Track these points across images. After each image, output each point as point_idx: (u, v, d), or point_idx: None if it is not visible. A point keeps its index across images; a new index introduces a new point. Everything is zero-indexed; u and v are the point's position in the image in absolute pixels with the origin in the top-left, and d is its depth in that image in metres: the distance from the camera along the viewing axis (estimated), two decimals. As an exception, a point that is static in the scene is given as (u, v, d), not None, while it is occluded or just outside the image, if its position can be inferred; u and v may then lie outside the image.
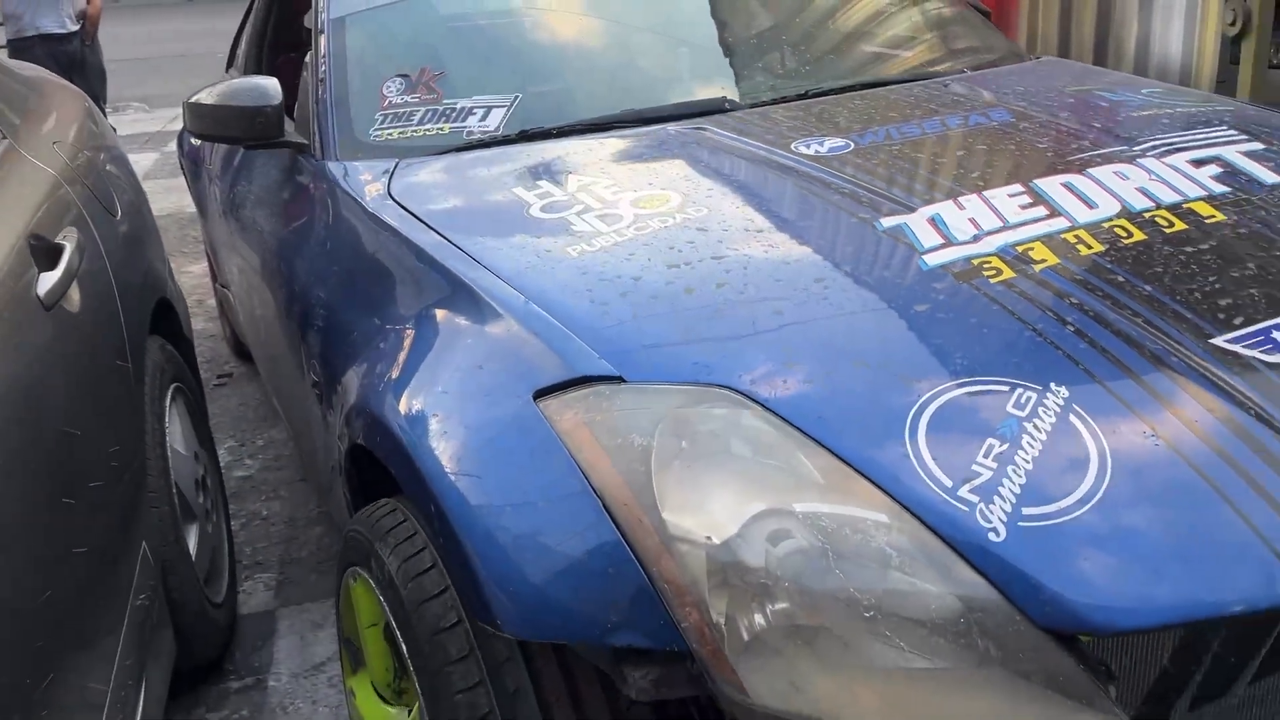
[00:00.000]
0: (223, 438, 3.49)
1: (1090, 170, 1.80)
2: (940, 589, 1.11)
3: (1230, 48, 2.88)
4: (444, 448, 1.34)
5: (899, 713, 1.09)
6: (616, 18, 2.59)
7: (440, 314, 1.60)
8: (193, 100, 2.33)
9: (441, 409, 1.40)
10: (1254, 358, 1.34)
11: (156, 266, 2.63)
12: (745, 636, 1.10)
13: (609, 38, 2.55)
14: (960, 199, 1.71)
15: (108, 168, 2.58)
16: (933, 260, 1.54)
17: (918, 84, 2.39)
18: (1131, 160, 1.85)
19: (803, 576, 1.11)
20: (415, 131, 2.25)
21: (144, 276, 2.41)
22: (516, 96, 2.31)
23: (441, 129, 2.25)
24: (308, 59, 2.50)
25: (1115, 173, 1.79)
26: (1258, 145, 1.93)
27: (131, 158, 8.70)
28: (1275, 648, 1.54)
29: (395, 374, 1.54)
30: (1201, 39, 2.69)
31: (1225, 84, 2.69)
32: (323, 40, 2.45)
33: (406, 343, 1.60)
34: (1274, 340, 1.37)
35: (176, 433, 2.37)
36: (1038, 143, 1.96)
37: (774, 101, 2.30)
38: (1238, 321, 1.40)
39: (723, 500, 1.18)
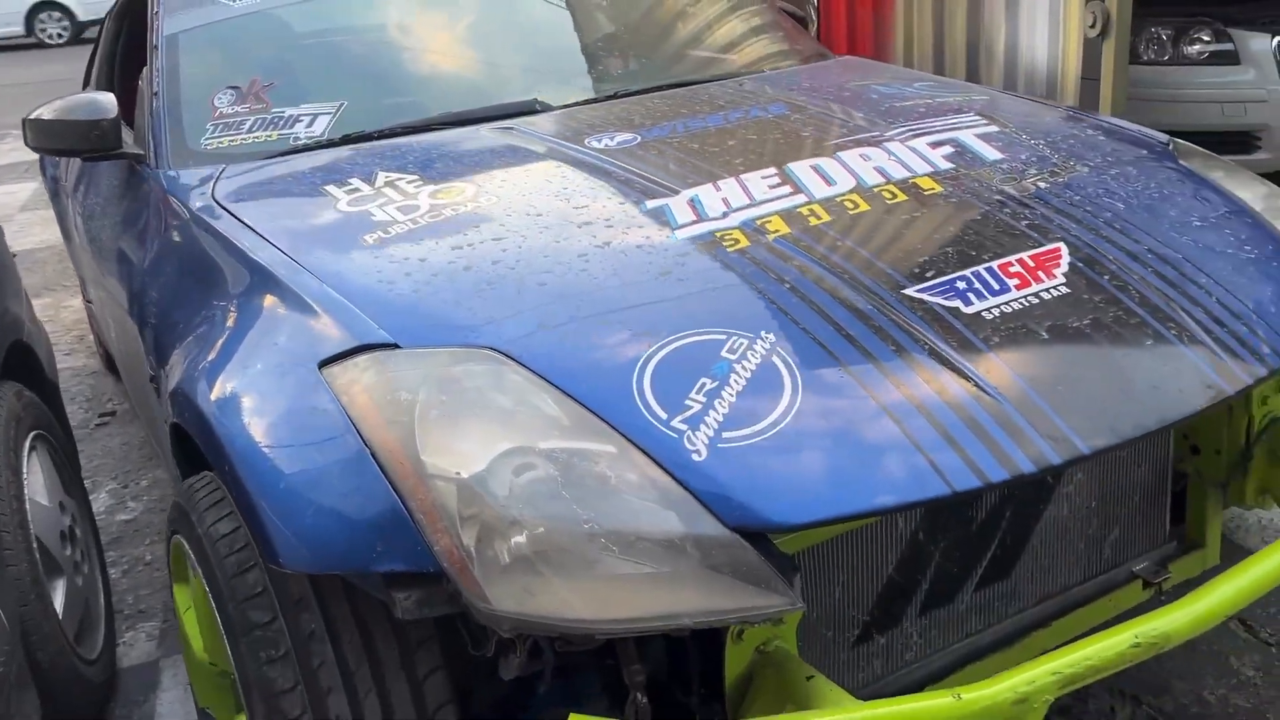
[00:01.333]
0: (104, 480, 3.41)
1: (839, 153, 2.04)
2: (651, 504, 1.31)
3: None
4: (238, 415, 1.50)
5: (614, 608, 1.28)
6: (438, 28, 2.77)
7: (249, 301, 1.76)
8: (32, 116, 2.44)
9: (238, 382, 1.56)
10: (936, 303, 1.58)
11: (9, 308, 2.51)
12: (488, 554, 1.29)
13: (430, 47, 2.72)
14: (719, 182, 1.93)
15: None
16: (682, 235, 1.75)
17: (716, 84, 2.61)
18: (878, 144, 2.09)
19: (537, 501, 1.30)
20: (245, 139, 2.40)
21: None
22: (342, 104, 2.47)
23: (270, 136, 2.40)
24: (143, 74, 2.63)
25: (860, 155, 2.03)
26: (993, 128, 2.19)
27: (9, 188, 8.41)
28: (994, 562, 1.80)
29: (205, 356, 1.69)
30: (1065, 41, 2.79)
31: (1093, 81, 2.80)
32: (157, 56, 2.58)
33: (218, 328, 1.76)
34: (956, 289, 1.61)
35: (38, 484, 2.27)
36: (801, 132, 2.19)
37: (584, 103, 2.50)
38: (929, 275, 1.64)
39: (475, 442, 1.36)
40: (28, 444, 2.27)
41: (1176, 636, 1.41)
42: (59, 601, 2.15)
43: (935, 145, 2.09)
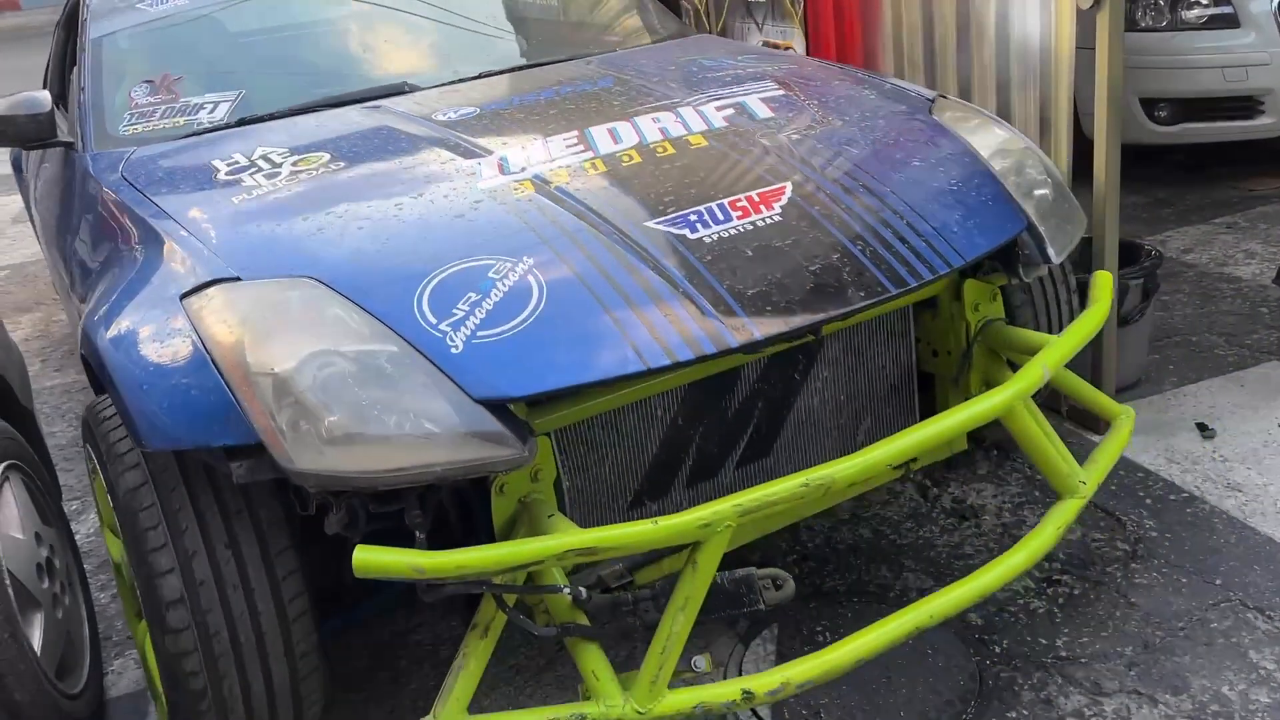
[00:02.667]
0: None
1: (635, 118, 2.45)
2: (417, 386, 1.73)
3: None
4: (118, 339, 1.92)
5: (386, 463, 1.70)
6: (325, 25, 3.19)
7: (138, 253, 2.18)
8: None
9: (120, 315, 1.97)
10: (668, 232, 2.00)
11: None
12: (295, 429, 1.71)
13: (318, 42, 3.14)
14: (528, 145, 2.34)
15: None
16: (483, 186, 2.17)
17: (568, 63, 3.02)
18: (673, 109, 2.50)
19: (333, 388, 1.72)
20: (156, 125, 2.82)
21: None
22: (240, 92, 2.89)
23: (177, 122, 2.82)
24: (73, 72, 3.05)
25: (653, 118, 2.44)
26: (779, 93, 2.60)
27: (1, 200, 8.26)
28: (751, 444, 2.21)
29: (101, 299, 2.11)
30: (1058, 14, 2.70)
31: (1089, 51, 2.66)
32: (84, 57, 3.00)
33: (113, 276, 2.18)
34: (687, 221, 2.02)
35: (10, 517, 2.23)
36: (614, 101, 2.60)
37: (448, 84, 2.92)
38: (669, 210, 2.05)
39: (288, 347, 1.78)
40: None
41: (841, 480, 1.82)
42: (36, 637, 2.11)
43: (721, 108, 2.50)
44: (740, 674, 2.19)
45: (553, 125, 2.46)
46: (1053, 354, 2.11)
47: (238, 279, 1.94)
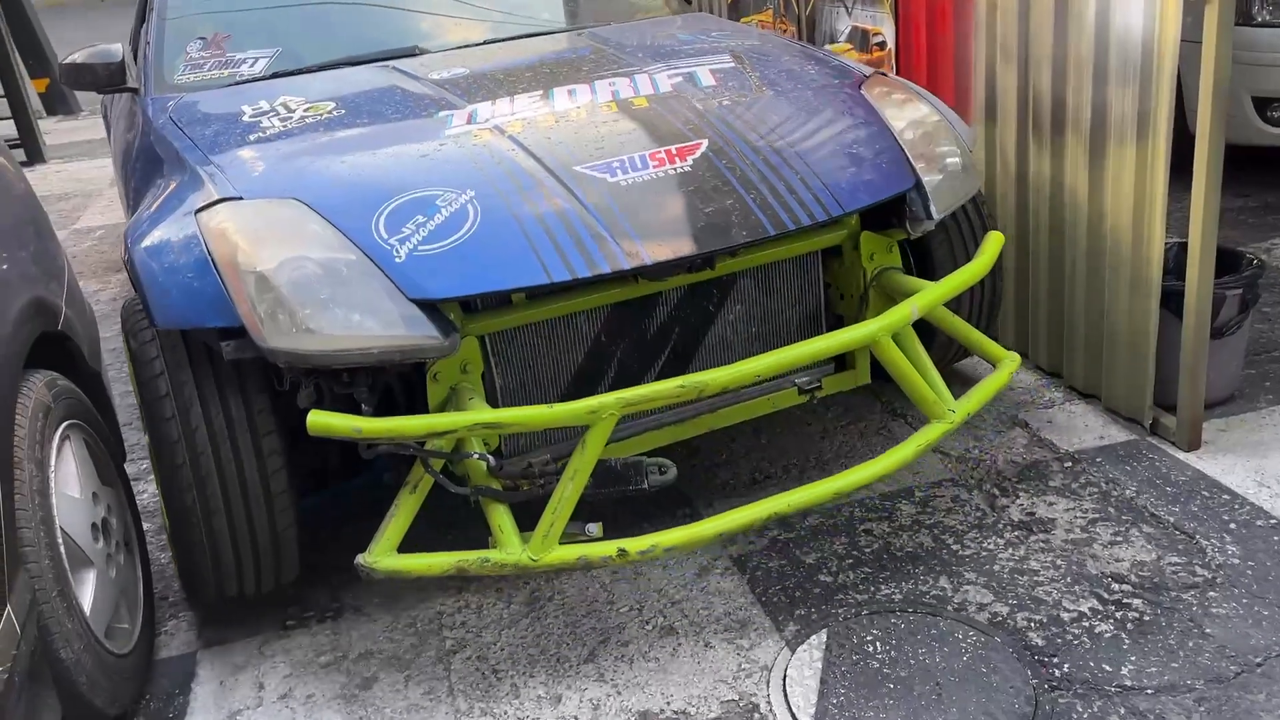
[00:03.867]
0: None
1: (596, 81, 2.85)
2: (366, 287, 2.16)
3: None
4: (144, 246, 2.39)
5: (337, 345, 2.13)
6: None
7: (171, 180, 2.65)
8: (66, 61, 3.38)
9: (148, 228, 2.44)
10: (592, 175, 2.39)
11: (42, 298, 2.42)
12: (270, 317, 2.15)
13: (346, 9, 3.59)
14: (499, 100, 2.76)
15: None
16: (449, 132, 2.59)
17: (563, 34, 3.42)
18: (631, 75, 2.89)
19: (302, 285, 2.16)
20: (205, 75, 3.30)
21: (16, 313, 2.22)
22: (278, 50, 3.36)
23: (222, 73, 3.31)
24: (142, 29, 3.56)
25: (609, 82, 2.84)
26: (730, 65, 2.97)
27: (102, 161, 8.69)
28: (670, 363, 2.60)
29: (139, 216, 2.59)
30: (1163, 4, 2.57)
31: (1195, 45, 2.51)
32: (151, 15, 3.51)
33: (151, 198, 2.65)
34: (610, 168, 2.41)
35: (69, 475, 2.25)
36: (583, 67, 3.00)
37: (455, 48, 3.35)
38: (597, 158, 2.44)
39: (271, 251, 2.22)
40: (59, 435, 2.25)
41: (713, 385, 2.21)
42: (87, 596, 2.15)
43: (672, 76, 2.88)
44: (785, 681, 2.17)
45: (524, 85, 2.87)
46: (925, 297, 2.46)
47: (240, 199, 2.39)
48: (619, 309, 2.52)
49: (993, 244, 2.70)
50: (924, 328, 2.64)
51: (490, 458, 2.24)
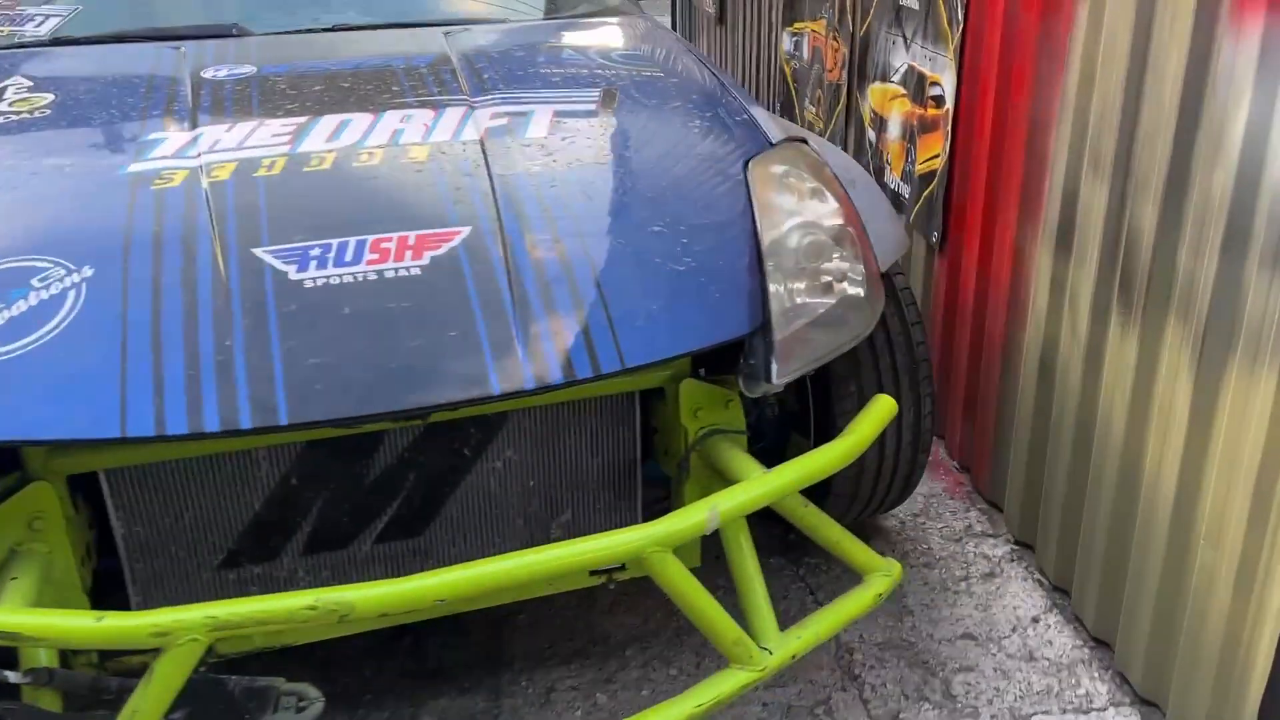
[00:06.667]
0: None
1: (389, 110, 2.11)
2: None
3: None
4: None
5: None
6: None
7: None
8: None
9: None
10: (271, 264, 1.67)
11: None
12: None
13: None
14: (241, 123, 2.04)
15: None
16: (133, 166, 1.88)
17: (430, 30, 2.66)
18: (444, 106, 2.14)
19: None
20: (-17, 31, 2.64)
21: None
22: (78, 8, 2.68)
23: (2, 31, 2.64)
24: None
25: (403, 115, 2.09)
26: (587, 106, 2.20)
27: None
28: (400, 519, 1.89)
29: None
30: None
31: None
32: None
33: None
34: (304, 255, 1.69)
35: None
36: (393, 85, 2.25)
37: (282, 33, 2.63)
38: (295, 237, 1.72)
39: None
40: None
41: (362, 607, 1.49)
42: None
43: (497, 115, 2.12)
44: None
45: (296, 104, 2.14)
46: (736, 496, 1.69)
47: None
48: (318, 446, 1.80)
49: (876, 413, 1.91)
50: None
51: (46, 670, 1.55)
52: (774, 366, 1.76)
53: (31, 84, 2.25)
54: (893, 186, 3.15)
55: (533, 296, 1.69)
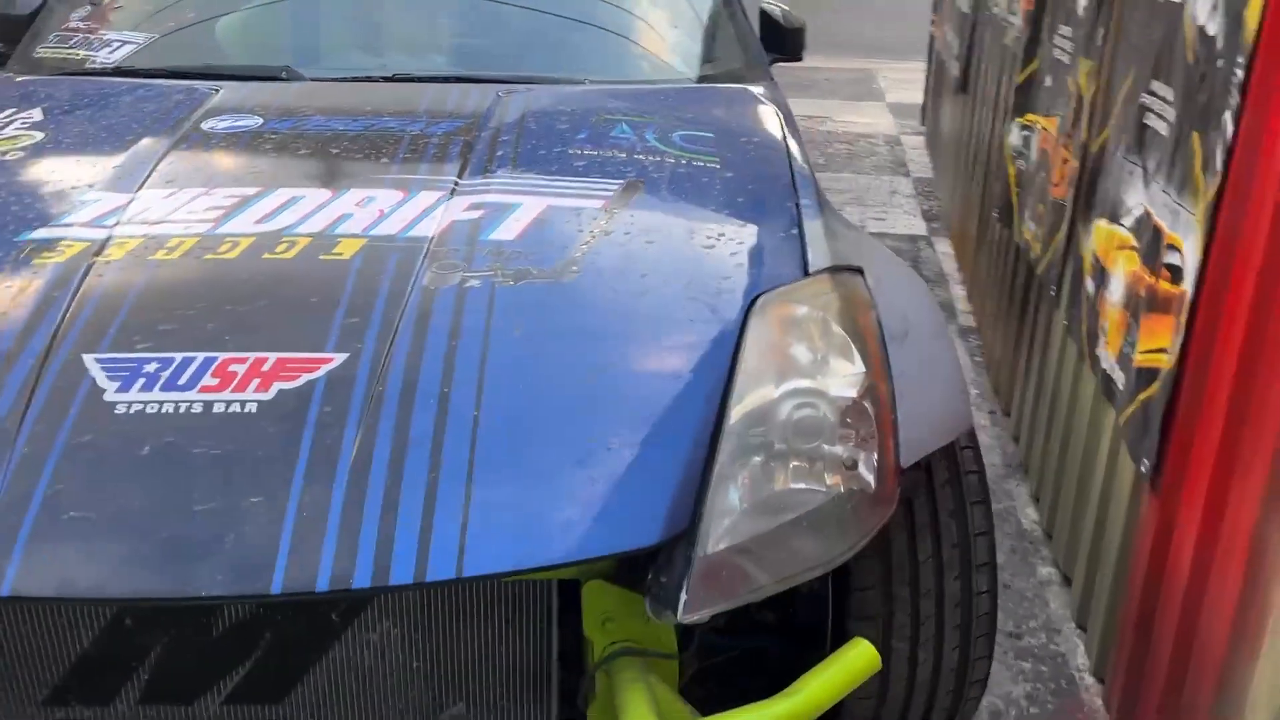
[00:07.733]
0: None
1: (354, 189, 1.82)
2: None
3: None
4: None
5: None
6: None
7: None
8: None
9: None
10: (94, 375, 1.39)
11: None
12: None
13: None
14: (184, 191, 1.80)
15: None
16: (39, 233, 1.67)
17: (487, 87, 2.36)
18: (420, 189, 1.83)
19: None
20: (62, 54, 2.58)
21: None
22: (153, 38, 2.57)
23: (77, 55, 2.57)
24: None
25: (368, 196, 1.80)
26: (591, 205, 1.81)
27: None
28: (253, 682, 1.60)
29: None
30: None
31: None
32: None
33: None
34: (135, 369, 1.40)
35: None
36: (383, 158, 1.95)
37: (333, 80, 2.41)
38: (136, 344, 1.43)
39: None
40: None
41: None
42: None
43: (478, 206, 1.78)
44: None
45: (262, 171, 1.88)
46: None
47: None
48: (156, 588, 1.51)
49: (846, 664, 1.41)
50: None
51: None
52: (682, 595, 1.30)
53: (40, 118, 2.13)
54: (1105, 366, 2.18)
55: (378, 461, 1.33)
